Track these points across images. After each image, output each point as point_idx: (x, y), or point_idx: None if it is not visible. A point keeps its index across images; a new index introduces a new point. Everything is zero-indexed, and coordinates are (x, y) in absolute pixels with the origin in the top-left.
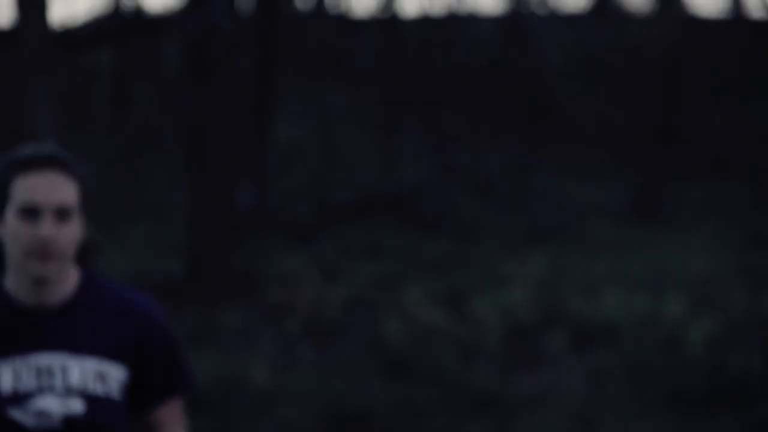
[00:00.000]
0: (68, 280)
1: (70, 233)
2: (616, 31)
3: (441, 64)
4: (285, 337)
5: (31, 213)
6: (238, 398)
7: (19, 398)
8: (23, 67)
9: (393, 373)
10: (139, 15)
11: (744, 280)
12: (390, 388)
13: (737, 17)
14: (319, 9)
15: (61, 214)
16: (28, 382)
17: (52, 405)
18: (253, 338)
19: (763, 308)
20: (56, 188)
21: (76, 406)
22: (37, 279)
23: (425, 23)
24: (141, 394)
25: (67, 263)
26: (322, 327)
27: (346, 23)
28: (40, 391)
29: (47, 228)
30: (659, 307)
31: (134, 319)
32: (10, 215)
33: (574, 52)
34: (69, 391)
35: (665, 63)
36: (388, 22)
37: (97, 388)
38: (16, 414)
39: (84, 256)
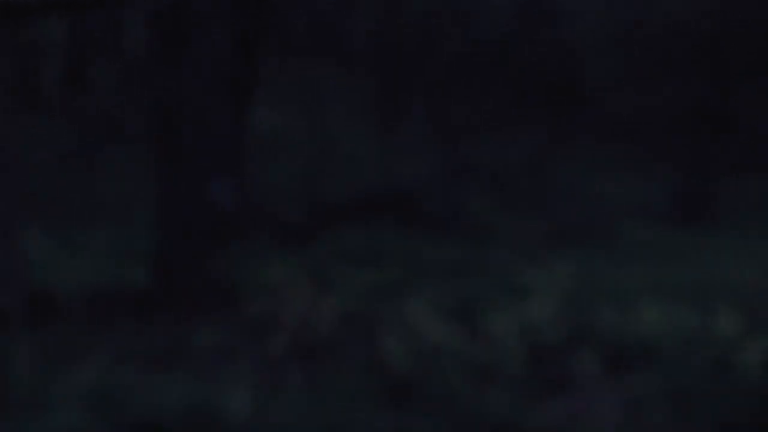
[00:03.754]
0: None
1: None
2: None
3: (448, 42)
4: (269, 359)
5: None
6: (213, 431)
7: None
8: None
9: (395, 399)
10: None
11: None
12: (392, 417)
13: None
14: None
15: None
16: None
17: None
18: (232, 359)
19: None
20: None
21: None
22: None
23: None
24: None
25: None
26: (313, 346)
27: None
28: None
29: None
30: (707, 324)
31: None
32: None
33: (604, 25)
34: None
35: (712, 38)
36: None
37: None
38: None
39: None
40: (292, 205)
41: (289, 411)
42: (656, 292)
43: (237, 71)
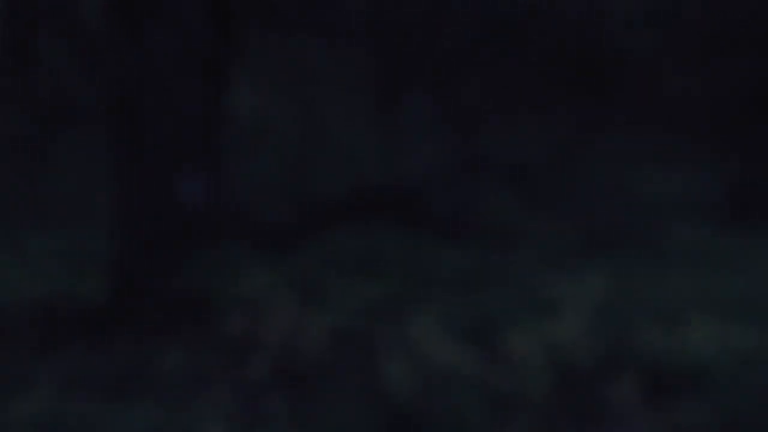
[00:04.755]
0: None
1: None
2: None
3: (459, 13)
4: (248, 384)
5: None
6: None
7: None
8: None
9: None
10: None
11: None
12: None
13: None
14: None
15: None
16: None
17: None
18: (204, 386)
19: None
20: None
21: None
22: None
23: None
24: None
25: None
26: (300, 370)
27: None
28: None
29: None
30: (766, 344)
31: None
32: None
33: None
34: None
35: None
36: None
37: None
38: None
39: None
40: (277, 204)
41: None
42: (706, 307)
43: (211, 46)
